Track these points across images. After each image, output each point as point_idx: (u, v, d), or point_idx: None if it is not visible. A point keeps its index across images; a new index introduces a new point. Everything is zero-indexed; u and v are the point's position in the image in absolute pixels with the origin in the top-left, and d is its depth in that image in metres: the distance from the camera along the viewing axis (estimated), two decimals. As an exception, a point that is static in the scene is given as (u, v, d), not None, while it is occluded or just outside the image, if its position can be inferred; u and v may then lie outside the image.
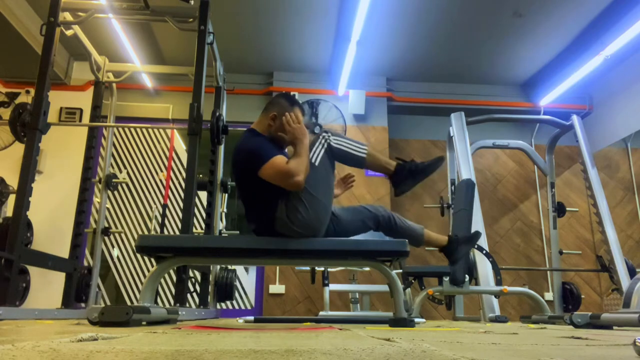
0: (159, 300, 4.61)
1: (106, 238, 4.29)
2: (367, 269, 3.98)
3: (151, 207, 5.03)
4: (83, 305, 3.52)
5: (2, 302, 2.39)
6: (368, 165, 2.15)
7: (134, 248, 2.78)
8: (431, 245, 2.36)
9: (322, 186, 2.04)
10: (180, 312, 2.24)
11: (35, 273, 3.48)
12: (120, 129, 5.17)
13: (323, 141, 2.09)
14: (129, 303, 4.64)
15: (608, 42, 4.42)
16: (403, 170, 2.15)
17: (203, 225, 3.85)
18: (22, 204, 2.58)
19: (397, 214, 2.27)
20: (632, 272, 3.63)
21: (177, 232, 4.92)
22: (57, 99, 4.66)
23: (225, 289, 3.60)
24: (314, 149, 2.07)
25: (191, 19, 3.05)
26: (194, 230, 3.49)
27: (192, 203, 2.78)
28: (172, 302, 4.65)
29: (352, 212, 2.22)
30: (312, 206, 1.99)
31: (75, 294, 3.40)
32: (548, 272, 5.09)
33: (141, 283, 4.80)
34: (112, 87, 3.97)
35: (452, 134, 4.47)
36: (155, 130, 5.27)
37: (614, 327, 2.22)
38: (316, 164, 2.04)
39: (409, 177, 2.15)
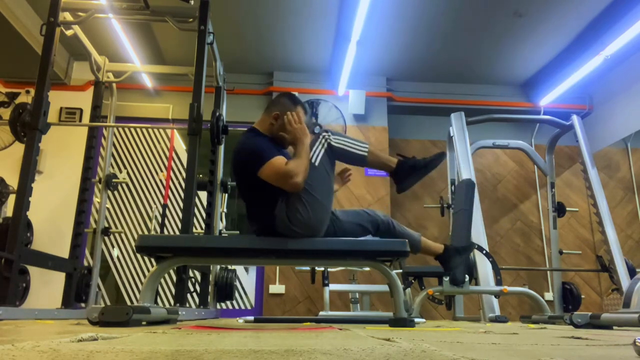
0: (159, 300, 4.61)
1: (106, 238, 4.29)
2: (367, 269, 3.98)
3: (151, 207, 5.03)
4: (83, 305, 3.52)
5: (2, 302, 2.39)
6: (369, 163, 2.15)
7: (134, 248, 2.78)
8: (428, 253, 2.37)
9: (322, 186, 2.04)
10: (180, 312, 2.24)
11: (35, 273, 3.48)
12: (120, 129, 5.17)
13: (323, 141, 2.09)
14: (129, 303, 4.64)
15: (608, 42, 4.42)
16: (405, 166, 2.15)
17: (203, 225, 3.85)
18: (22, 204, 2.58)
19: (395, 221, 2.28)
20: (632, 272, 3.63)
21: (177, 232, 4.92)
22: (57, 99, 4.65)
23: (225, 289, 3.60)
24: (314, 148, 2.07)
25: (191, 19, 3.05)
26: (194, 230, 3.49)
27: (192, 203, 2.78)
28: (172, 302, 4.65)
29: (352, 215, 2.22)
30: (312, 206, 1.99)
31: (75, 294, 3.40)
32: (548, 272, 5.09)
33: (141, 283, 4.81)
34: (112, 87, 3.97)
35: (452, 134, 4.47)
36: (155, 130, 5.27)
37: (614, 327, 2.22)
38: (316, 164, 2.04)
39: (411, 173, 2.15)
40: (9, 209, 3.76)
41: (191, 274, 3.71)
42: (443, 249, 2.34)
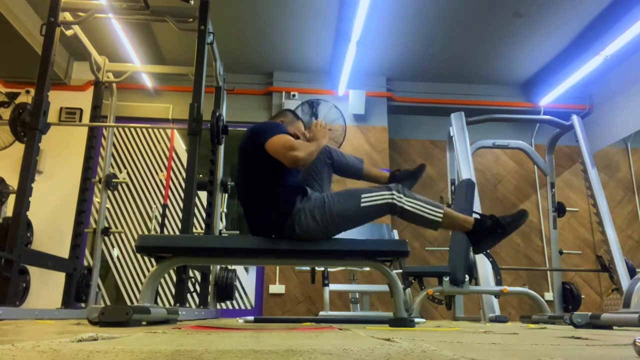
0: (159, 300, 4.61)
1: (106, 238, 4.29)
2: (367, 269, 3.98)
3: (151, 207, 5.03)
4: (83, 305, 3.52)
5: (2, 302, 2.39)
6: (443, 226, 2.00)
7: (134, 248, 2.79)
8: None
9: (347, 221, 1.99)
10: (180, 312, 2.24)
11: (35, 273, 3.49)
12: (120, 129, 5.17)
13: (389, 197, 1.96)
14: (129, 303, 4.64)
15: (608, 42, 4.42)
16: (483, 226, 2.03)
17: (203, 225, 3.85)
18: (22, 204, 2.58)
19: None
20: (632, 272, 3.62)
21: (177, 232, 4.92)
22: (57, 99, 4.66)
23: (225, 289, 3.60)
24: (375, 194, 1.97)
25: (191, 19, 3.05)
26: (194, 230, 3.49)
27: (192, 203, 2.77)
28: (172, 302, 4.65)
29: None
30: (325, 225, 1.97)
31: (75, 294, 3.40)
32: (548, 272, 5.09)
33: (141, 283, 4.80)
34: (112, 87, 3.97)
35: (452, 134, 4.47)
36: (155, 130, 5.27)
37: (614, 327, 2.22)
38: (361, 205, 1.96)
39: (490, 234, 2.03)
40: (9, 209, 3.76)
41: (191, 274, 3.71)
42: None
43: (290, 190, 2.00)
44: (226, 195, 4.04)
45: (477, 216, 2.06)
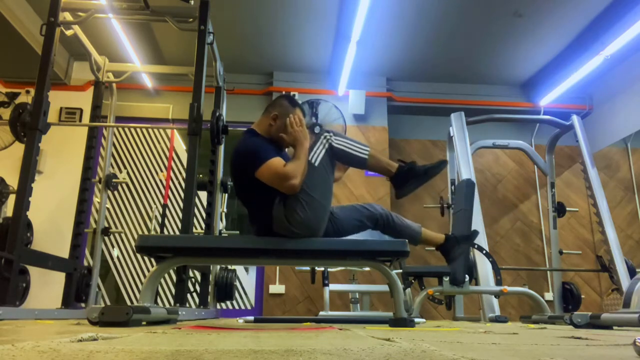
0: (159, 300, 4.61)
1: (106, 238, 4.29)
2: (367, 269, 3.98)
3: (151, 207, 5.03)
4: (83, 305, 3.52)
5: (2, 302, 2.39)
6: (369, 166, 2.13)
7: (134, 248, 2.79)
8: (428, 244, 2.33)
9: (321, 187, 2.03)
10: (180, 312, 2.24)
11: (35, 273, 3.48)
12: (120, 129, 5.17)
13: (324, 141, 2.07)
14: (129, 303, 4.64)
15: (608, 42, 4.42)
16: (404, 172, 2.13)
17: (203, 225, 3.85)
18: (22, 204, 2.58)
19: (394, 213, 2.27)
20: (632, 272, 3.63)
21: (177, 232, 4.92)
22: (57, 99, 4.65)
23: (225, 289, 3.60)
24: (315, 148, 2.06)
25: (191, 19, 3.05)
26: (194, 230, 3.49)
27: (192, 203, 2.78)
28: (172, 302, 4.65)
29: (350, 211, 2.21)
30: (311, 207, 1.99)
31: (75, 294, 3.40)
32: (548, 272, 5.09)
33: (141, 283, 4.80)
34: (112, 87, 3.97)
35: (452, 134, 4.47)
36: (155, 130, 5.27)
37: (614, 327, 2.22)
38: (316, 164, 2.03)
39: (411, 179, 2.13)
40: (9, 209, 3.75)
41: (191, 274, 3.71)
42: (444, 238, 2.31)
43: (271, 194, 2.01)
44: (226, 195, 4.04)
45: (401, 163, 2.15)
